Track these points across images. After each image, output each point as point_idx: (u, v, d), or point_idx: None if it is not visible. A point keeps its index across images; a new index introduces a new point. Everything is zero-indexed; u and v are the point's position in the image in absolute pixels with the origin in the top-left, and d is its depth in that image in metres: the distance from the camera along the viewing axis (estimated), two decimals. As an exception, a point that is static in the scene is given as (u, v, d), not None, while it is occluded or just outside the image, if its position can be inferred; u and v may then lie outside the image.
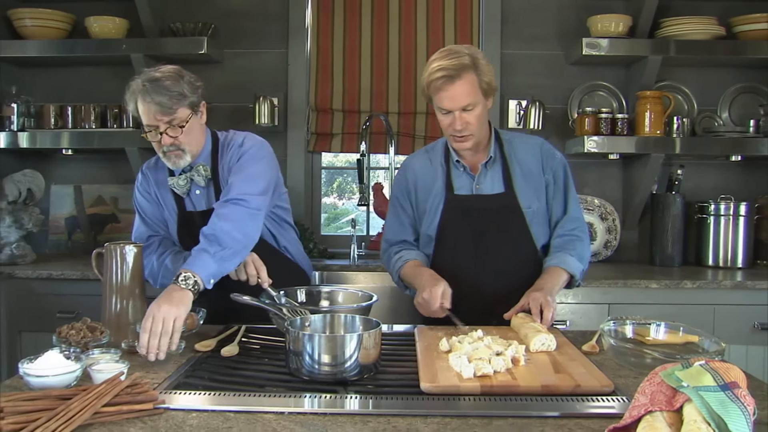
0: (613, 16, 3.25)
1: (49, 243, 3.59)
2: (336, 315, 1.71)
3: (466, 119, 2.04)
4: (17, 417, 1.18)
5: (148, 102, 2.02)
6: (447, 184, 2.19)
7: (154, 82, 2.02)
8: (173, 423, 1.24)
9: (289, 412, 1.29)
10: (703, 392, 1.08)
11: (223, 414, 1.28)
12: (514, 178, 2.16)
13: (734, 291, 2.87)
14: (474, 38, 3.52)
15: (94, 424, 1.21)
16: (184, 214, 2.22)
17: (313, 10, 3.57)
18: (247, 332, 1.91)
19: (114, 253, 1.87)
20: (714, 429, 1.02)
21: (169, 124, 2.05)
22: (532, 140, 2.25)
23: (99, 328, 1.73)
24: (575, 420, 1.26)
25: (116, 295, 1.87)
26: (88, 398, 1.25)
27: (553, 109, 3.47)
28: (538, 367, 1.54)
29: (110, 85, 3.53)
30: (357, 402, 1.36)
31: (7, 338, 3.00)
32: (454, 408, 1.33)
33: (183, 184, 2.18)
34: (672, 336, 1.72)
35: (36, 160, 3.57)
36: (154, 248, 2.23)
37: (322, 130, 3.56)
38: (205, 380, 1.50)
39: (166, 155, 2.11)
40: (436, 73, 1.99)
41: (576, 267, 2.11)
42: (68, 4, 3.45)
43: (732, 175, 3.52)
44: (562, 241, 2.17)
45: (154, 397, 1.33)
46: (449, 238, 2.18)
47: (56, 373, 1.37)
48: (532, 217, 2.15)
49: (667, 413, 1.09)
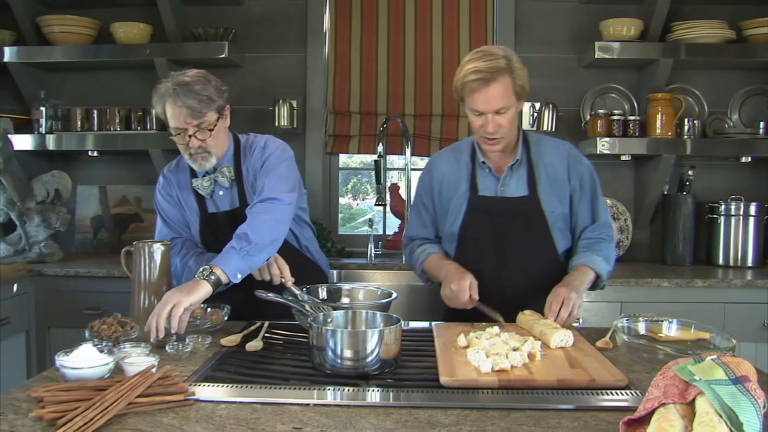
0: (625, 20, 3.30)
1: (75, 242, 3.69)
2: (357, 311, 1.74)
3: (499, 122, 2.02)
4: (56, 406, 1.23)
5: (179, 106, 2.05)
6: (472, 185, 2.19)
7: (184, 86, 2.05)
8: (203, 413, 1.28)
9: (314, 404, 1.33)
10: (714, 385, 1.10)
11: (251, 405, 1.32)
12: (539, 182, 2.15)
13: (744, 290, 2.91)
14: (488, 42, 3.58)
15: (129, 413, 1.26)
16: (206, 215, 2.27)
17: (331, 14, 3.64)
18: (270, 328, 1.95)
19: (143, 252, 1.93)
20: (725, 421, 1.05)
21: (198, 128, 2.09)
22: (559, 145, 2.22)
23: (129, 323, 1.78)
24: (590, 413, 1.29)
25: (144, 291, 1.92)
26: (122, 389, 1.30)
27: (567, 111, 3.51)
28: (554, 362, 1.58)
29: (134, 88, 3.63)
30: (378, 394, 1.40)
31: (37, 333, 3.09)
32: (472, 401, 1.36)
33: (207, 186, 2.23)
34: (684, 333, 1.76)
35: (63, 162, 3.65)
36: (177, 250, 2.26)
37: (340, 131, 3.64)
38: (232, 374, 1.54)
39: (193, 157, 2.16)
40: (470, 75, 1.97)
41: (602, 266, 2.10)
42: (94, 10, 3.54)
43: (742, 176, 3.56)
44: (589, 242, 2.17)
45: (184, 389, 1.37)
46: (471, 237, 2.19)
47: (91, 366, 1.42)
48: (554, 221, 2.14)
49: (680, 406, 1.12)
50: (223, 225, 2.22)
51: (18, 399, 1.34)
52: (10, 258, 3.15)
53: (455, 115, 3.61)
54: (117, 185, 3.73)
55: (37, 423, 1.21)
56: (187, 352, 1.68)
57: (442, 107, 3.61)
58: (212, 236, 2.26)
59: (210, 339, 1.78)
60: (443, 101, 3.61)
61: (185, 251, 2.27)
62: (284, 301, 1.91)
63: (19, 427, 1.19)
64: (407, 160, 3.48)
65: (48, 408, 1.22)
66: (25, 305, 3.03)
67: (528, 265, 2.14)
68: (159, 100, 2.12)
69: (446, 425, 1.22)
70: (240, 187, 2.25)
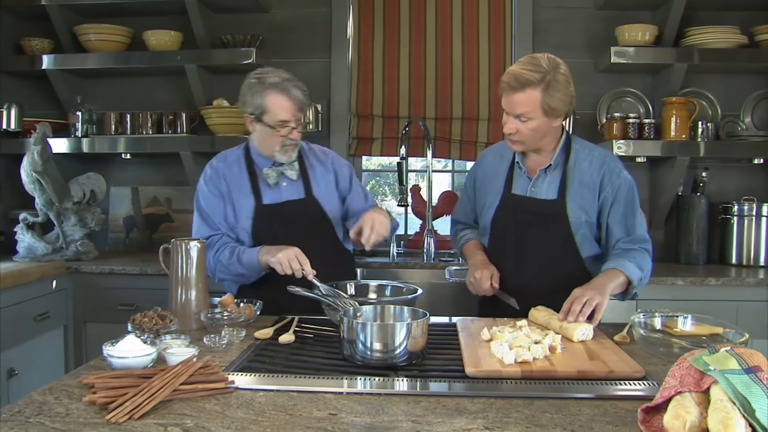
0: (639, 26, 3.36)
1: (108, 241, 3.82)
2: (386, 306, 1.81)
3: (516, 126, 2.07)
4: (107, 392, 1.32)
5: (291, 98, 2.20)
6: (507, 182, 2.25)
7: (291, 81, 2.20)
8: (243, 400, 1.35)
9: (347, 392, 1.41)
10: (728, 375, 1.16)
11: (287, 393, 1.40)
12: (569, 188, 2.17)
13: (757, 288, 2.96)
14: (507, 47, 3.67)
15: (173, 400, 1.34)
16: (261, 205, 2.34)
17: (355, 21, 3.75)
18: (300, 322, 2.02)
19: (180, 249, 2.01)
20: (739, 408, 1.10)
21: (298, 121, 2.24)
22: (601, 155, 2.21)
23: (168, 317, 1.84)
24: (609, 401, 1.36)
25: (181, 286, 2.00)
26: (167, 377, 1.38)
27: (583, 114, 3.58)
28: (574, 354, 1.65)
29: (166, 93, 3.76)
30: (407, 384, 1.47)
31: (74, 328, 3.21)
32: (497, 390, 1.43)
33: (275, 176, 2.34)
34: (698, 328, 1.81)
35: (97, 164, 3.77)
36: (211, 246, 2.34)
37: (363, 134, 3.74)
38: (267, 364, 1.61)
39: (284, 148, 2.28)
40: (506, 76, 2.04)
41: (633, 271, 2.07)
42: (128, 18, 3.67)
43: (755, 177, 3.60)
44: (622, 251, 2.15)
45: (224, 378, 1.45)
46: (499, 232, 2.26)
47: (136, 355, 1.50)
48: (577, 227, 2.17)
49: (696, 394, 1.17)
50: (279, 214, 2.32)
51: (70, 385, 1.43)
52: (48, 256, 3.28)
53: (475, 119, 3.71)
54: (148, 186, 3.85)
55: (90, 407, 1.30)
56: (223, 344, 1.76)
57: (463, 111, 3.71)
58: (266, 225, 2.33)
59: (244, 332, 1.86)
60: (463, 105, 3.70)
61: (218, 247, 2.32)
62: (315, 296, 1.98)
63: (74, 410, 1.29)
64: (428, 162, 3.56)
65: (99, 393, 1.31)
66: (63, 301, 3.16)
67: (547, 266, 2.18)
68: (259, 94, 2.22)
69: (473, 412, 1.30)
70: (306, 181, 2.38)
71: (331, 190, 2.45)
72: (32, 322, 2.90)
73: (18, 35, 3.67)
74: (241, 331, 1.86)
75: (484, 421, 1.25)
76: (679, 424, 1.14)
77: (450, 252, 3.53)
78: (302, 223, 2.35)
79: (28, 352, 2.90)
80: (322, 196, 2.40)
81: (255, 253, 2.23)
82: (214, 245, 2.33)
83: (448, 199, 3.69)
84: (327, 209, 2.40)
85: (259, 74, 2.24)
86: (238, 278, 2.34)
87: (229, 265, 2.28)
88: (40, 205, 3.29)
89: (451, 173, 4.17)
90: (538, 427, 1.23)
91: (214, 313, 1.94)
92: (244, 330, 1.88)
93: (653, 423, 1.22)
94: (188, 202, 3.75)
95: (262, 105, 2.23)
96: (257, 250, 2.24)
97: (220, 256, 2.31)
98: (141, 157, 3.82)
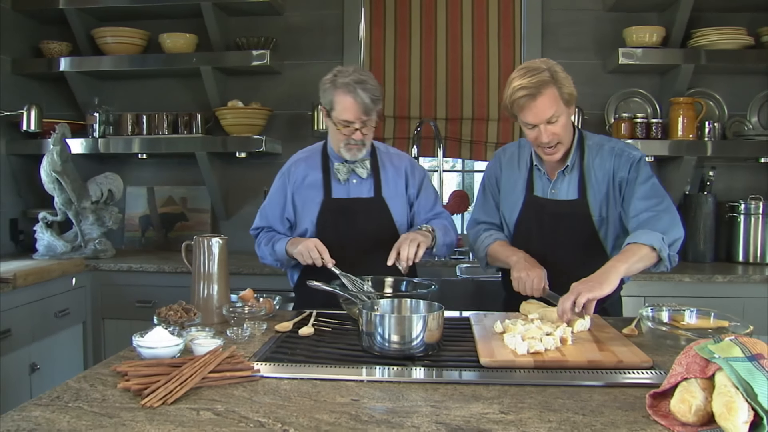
0: (647, 28, 3.41)
1: (125, 239, 3.90)
2: (403, 300, 1.85)
3: (552, 131, 2.08)
4: (140, 379, 1.38)
5: (357, 102, 2.24)
6: (528, 184, 2.28)
7: (362, 84, 2.24)
8: (269, 387, 1.41)
9: (367, 380, 1.47)
10: (732, 362, 1.21)
11: (311, 381, 1.46)
12: (589, 186, 2.20)
13: (763, 285, 3.00)
14: (516, 49, 3.73)
15: (203, 387, 1.40)
16: (329, 199, 2.42)
17: (366, 24, 3.81)
18: (318, 317, 2.06)
19: (202, 245, 2.07)
20: (742, 392, 1.16)
21: (364, 123, 2.30)
22: (607, 145, 2.24)
23: (192, 310, 1.89)
24: (619, 389, 1.41)
25: (204, 282, 2.06)
26: (196, 365, 1.44)
27: (592, 114, 3.63)
28: (584, 345, 1.70)
29: (181, 94, 3.84)
30: (423, 372, 1.52)
31: (92, 324, 3.29)
32: (511, 378, 1.48)
33: (345, 172, 2.41)
34: (704, 321, 1.86)
35: (114, 164, 3.85)
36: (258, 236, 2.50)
37: (375, 135, 3.77)
38: (289, 354, 1.67)
39: (348, 146, 2.35)
40: (518, 92, 2.04)
41: (651, 237, 2.00)
42: (144, 22, 3.74)
43: (761, 176, 3.64)
44: (644, 221, 2.10)
45: (250, 366, 1.51)
46: (524, 234, 2.28)
47: (164, 346, 1.57)
48: (601, 223, 2.20)
49: (701, 380, 1.23)
50: (346, 210, 2.39)
51: (103, 374, 1.50)
52: (67, 254, 3.36)
53: (485, 119, 3.77)
54: (163, 186, 3.92)
55: (124, 393, 1.36)
56: (246, 336, 1.82)
57: (473, 111, 3.77)
58: (332, 219, 2.41)
59: (265, 325, 1.92)
60: (473, 105, 3.76)
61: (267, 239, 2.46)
62: (334, 291, 2.03)
63: (109, 396, 1.35)
64: (439, 161, 3.62)
65: (133, 381, 1.38)
66: (82, 298, 3.24)
67: (573, 265, 2.10)
68: (329, 93, 2.29)
69: (488, 398, 1.36)
70: (377, 181, 2.45)
71: (401, 194, 2.48)
72: (53, 319, 2.98)
73: (37, 38, 3.76)
74: (263, 324, 1.92)
75: (499, 406, 1.31)
76: (685, 407, 1.21)
77: (461, 250, 3.58)
78: (367, 220, 2.42)
79: (49, 347, 2.98)
80: (390, 198, 2.45)
81: (284, 244, 2.34)
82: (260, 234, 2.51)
83: (458, 199, 3.75)
84: (393, 211, 2.45)
85: (336, 71, 2.30)
86: (275, 264, 2.48)
87: (264, 254, 2.45)
88: (59, 205, 3.37)
89: (461, 173, 4.23)
90: (551, 411, 1.28)
91: (235, 307, 2.00)
92: (265, 323, 1.94)
93: (661, 408, 1.28)
94: (203, 201, 3.85)
95: (331, 102, 2.30)
96: (286, 240, 2.34)
97: (260, 244, 2.48)
98: (156, 158, 3.89)
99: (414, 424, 1.21)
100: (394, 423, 1.22)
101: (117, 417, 1.24)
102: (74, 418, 1.23)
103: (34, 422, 1.21)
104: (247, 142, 3.53)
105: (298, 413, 1.27)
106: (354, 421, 1.23)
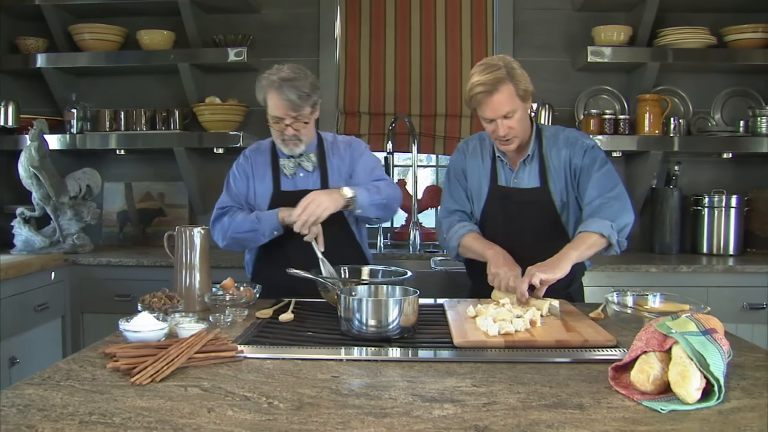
0: (615, 27, 3.50)
1: (103, 235, 3.91)
2: (380, 286, 1.94)
3: (508, 125, 2.18)
4: (128, 360, 1.43)
5: (282, 99, 2.30)
6: (492, 174, 2.38)
7: (288, 82, 2.30)
8: (253, 366, 1.48)
9: (346, 359, 1.55)
10: (687, 336, 1.32)
11: (292, 361, 1.53)
12: (549, 174, 2.31)
13: (725, 275, 3.12)
14: (488, 47, 3.82)
15: (189, 366, 1.46)
16: (279, 192, 2.49)
17: (342, 22, 3.87)
18: (297, 305, 2.13)
19: (184, 235, 2.11)
20: (695, 363, 1.26)
21: (295, 119, 2.36)
22: (562, 135, 2.34)
23: (175, 297, 1.94)
24: (584, 365, 1.51)
25: (186, 271, 2.10)
26: (182, 347, 1.50)
27: (562, 111, 3.72)
28: (552, 327, 1.80)
29: (159, 91, 3.86)
30: (399, 352, 1.60)
31: (71, 318, 3.31)
32: (483, 356, 1.57)
33: (292, 167, 2.48)
34: (667, 305, 1.96)
35: (92, 160, 3.86)
36: (228, 212, 2.52)
37: (351, 131, 3.86)
38: (270, 338, 1.74)
39: (285, 142, 2.42)
40: (476, 88, 2.15)
41: (600, 226, 2.13)
42: (121, 18, 3.76)
43: (724, 171, 3.77)
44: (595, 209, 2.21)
45: (234, 347, 1.57)
46: (490, 224, 2.38)
47: (150, 330, 1.62)
48: (562, 208, 2.31)
49: (659, 353, 1.32)
50: (294, 202, 2.39)
51: (91, 356, 1.55)
52: (46, 249, 3.37)
53: (458, 115, 3.85)
54: (141, 182, 3.94)
55: (113, 373, 1.41)
56: (228, 322, 1.89)
57: (446, 108, 3.85)
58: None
59: (246, 312, 2.00)
60: (447, 102, 3.84)
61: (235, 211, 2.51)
62: (312, 277, 2.08)
63: (99, 375, 1.40)
64: (414, 157, 3.68)
65: (122, 361, 1.43)
66: (61, 292, 3.25)
67: (538, 249, 2.16)
68: (262, 90, 2.37)
69: (462, 374, 1.44)
70: (323, 173, 2.51)
71: (345, 182, 2.52)
72: (32, 313, 3.00)
73: (13, 34, 3.75)
74: (244, 311, 1.99)
75: (472, 380, 1.39)
76: (643, 377, 1.30)
77: (435, 243, 3.66)
78: None
79: (29, 341, 2.99)
80: None
81: (275, 212, 2.38)
82: (231, 210, 2.52)
83: (432, 193, 3.83)
84: None
85: (268, 72, 2.37)
86: (247, 238, 2.45)
87: (243, 221, 2.44)
88: (37, 200, 3.38)
89: (435, 168, 4.31)
90: (521, 384, 1.37)
91: (217, 296, 2.05)
92: (246, 310, 2.00)
93: (622, 379, 1.37)
94: (181, 196, 3.88)
95: (264, 99, 2.39)
96: (277, 209, 2.39)
97: (236, 216, 2.48)
98: (134, 153, 3.90)
99: (391, 396, 1.29)
100: (373, 395, 1.29)
101: (108, 393, 1.29)
102: (67, 395, 1.28)
103: (28, 399, 1.26)
104: (224, 138, 3.56)
105: (281, 388, 1.33)
106: (335, 395, 1.30)
